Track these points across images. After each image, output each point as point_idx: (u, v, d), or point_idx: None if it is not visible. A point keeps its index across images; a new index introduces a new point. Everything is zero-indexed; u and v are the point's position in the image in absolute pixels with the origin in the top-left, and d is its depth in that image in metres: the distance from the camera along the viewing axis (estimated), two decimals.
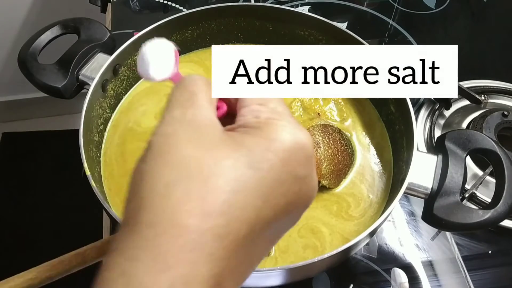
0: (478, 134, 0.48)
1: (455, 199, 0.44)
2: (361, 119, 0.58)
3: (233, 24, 0.63)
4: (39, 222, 1.41)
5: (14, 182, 1.54)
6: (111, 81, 0.55)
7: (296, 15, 0.60)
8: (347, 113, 0.58)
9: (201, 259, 0.20)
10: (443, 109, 0.67)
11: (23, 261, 0.46)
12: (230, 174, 0.21)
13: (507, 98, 0.69)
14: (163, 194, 0.21)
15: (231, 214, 0.21)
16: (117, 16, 0.80)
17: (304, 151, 0.24)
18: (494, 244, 0.56)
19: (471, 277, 0.53)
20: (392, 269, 0.52)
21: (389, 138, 0.56)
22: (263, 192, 0.22)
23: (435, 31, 0.83)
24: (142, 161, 0.23)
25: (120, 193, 0.51)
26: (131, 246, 0.20)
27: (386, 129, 0.57)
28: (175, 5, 0.83)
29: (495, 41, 0.83)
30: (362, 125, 0.57)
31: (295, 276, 0.44)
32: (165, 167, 0.22)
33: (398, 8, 0.85)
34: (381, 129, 0.57)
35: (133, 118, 0.57)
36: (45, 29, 0.57)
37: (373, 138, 0.56)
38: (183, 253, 0.20)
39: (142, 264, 0.20)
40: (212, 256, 0.20)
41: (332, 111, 0.58)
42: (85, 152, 0.46)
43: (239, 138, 0.23)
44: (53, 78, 0.54)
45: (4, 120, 1.65)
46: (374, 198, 0.51)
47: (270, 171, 0.22)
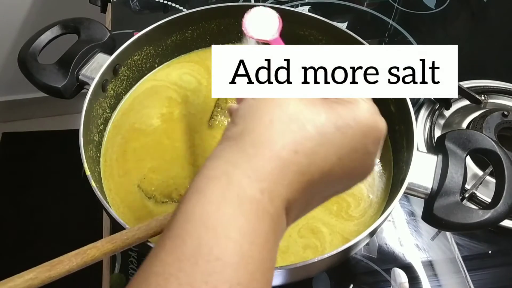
0: (478, 134, 0.48)
1: (455, 199, 0.44)
2: None
3: (233, 24, 0.63)
4: (39, 222, 1.41)
5: (14, 182, 1.54)
6: (111, 81, 0.55)
7: (296, 15, 0.60)
8: None
9: (284, 183, 0.25)
10: (443, 109, 0.67)
11: (23, 261, 0.46)
12: (321, 128, 0.27)
13: (507, 98, 0.69)
14: (267, 126, 0.26)
15: (313, 159, 0.26)
16: (117, 16, 0.80)
17: (379, 132, 0.29)
18: (494, 244, 0.56)
19: (471, 277, 0.53)
20: (392, 269, 0.52)
21: (389, 138, 0.56)
22: (340, 152, 0.27)
23: (435, 31, 0.83)
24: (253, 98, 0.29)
25: (120, 193, 0.51)
26: (235, 156, 0.26)
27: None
28: (175, 5, 0.83)
29: (495, 41, 0.83)
30: None
31: (295, 276, 0.44)
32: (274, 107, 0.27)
33: (398, 8, 0.85)
34: None
35: (135, 119, 0.57)
36: (45, 29, 0.57)
37: None
38: (272, 173, 0.25)
39: (242, 171, 0.25)
40: (291, 185, 0.26)
41: None
42: (85, 152, 0.46)
43: (334, 106, 0.28)
44: (53, 78, 0.53)
45: (4, 120, 1.65)
46: (374, 198, 0.51)
47: (351, 137, 0.27)
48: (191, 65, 0.63)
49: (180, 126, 0.56)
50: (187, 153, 0.54)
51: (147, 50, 0.59)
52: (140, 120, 0.57)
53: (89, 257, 0.31)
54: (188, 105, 0.58)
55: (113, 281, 0.51)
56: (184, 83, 0.61)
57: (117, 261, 0.52)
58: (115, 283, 0.51)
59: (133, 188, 0.51)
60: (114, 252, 0.33)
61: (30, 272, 0.30)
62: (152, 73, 0.62)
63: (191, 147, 0.54)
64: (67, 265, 0.31)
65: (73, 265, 0.31)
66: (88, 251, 0.32)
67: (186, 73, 0.62)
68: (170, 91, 0.60)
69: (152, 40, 0.59)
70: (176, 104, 0.58)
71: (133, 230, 0.34)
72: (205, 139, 0.55)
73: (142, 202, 0.50)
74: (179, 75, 0.62)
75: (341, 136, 0.27)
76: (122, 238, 0.33)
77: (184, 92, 0.60)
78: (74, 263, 0.31)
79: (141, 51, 0.58)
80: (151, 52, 0.60)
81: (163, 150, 0.54)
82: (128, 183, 0.51)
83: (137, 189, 0.51)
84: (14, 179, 1.55)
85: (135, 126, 0.56)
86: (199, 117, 0.57)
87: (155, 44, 0.60)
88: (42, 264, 0.30)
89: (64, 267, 0.31)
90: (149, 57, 0.60)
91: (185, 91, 0.60)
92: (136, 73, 0.60)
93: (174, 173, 0.52)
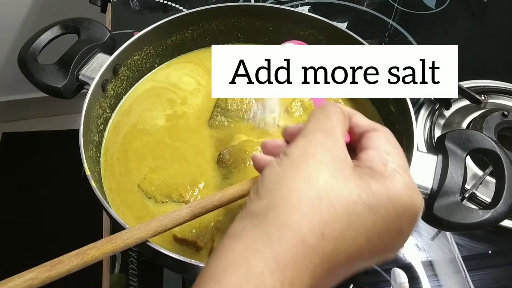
0: (478, 134, 0.48)
1: (455, 199, 0.44)
2: None
3: (233, 24, 0.63)
4: (39, 222, 1.41)
5: (14, 182, 1.54)
6: (111, 81, 0.55)
7: (296, 15, 0.60)
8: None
9: (308, 270, 0.24)
10: (443, 109, 0.67)
11: (23, 261, 0.46)
12: (351, 207, 0.25)
13: (507, 98, 0.69)
14: (294, 206, 0.24)
15: (340, 243, 0.24)
16: (117, 16, 0.80)
17: (415, 211, 0.27)
18: (494, 244, 0.56)
19: (471, 277, 0.53)
20: (392, 269, 0.52)
21: None
22: (370, 234, 0.25)
23: (435, 31, 0.83)
24: (279, 165, 0.27)
25: (121, 193, 0.51)
26: (258, 238, 0.24)
27: None
28: (175, 5, 0.83)
29: (495, 41, 0.83)
30: None
31: None
32: (302, 182, 0.25)
33: (398, 8, 0.85)
34: None
35: (136, 120, 0.57)
36: (45, 29, 0.57)
37: None
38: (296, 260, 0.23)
39: (264, 259, 0.23)
40: (314, 271, 0.24)
41: None
42: (85, 152, 0.46)
43: (366, 179, 0.26)
44: (53, 78, 0.53)
45: (4, 120, 1.65)
46: None
47: (384, 219, 0.25)
48: (191, 66, 0.63)
49: (180, 127, 0.56)
50: (187, 153, 0.54)
51: (147, 50, 0.59)
52: (143, 121, 0.57)
53: (89, 257, 0.31)
54: (188, 106, 0.58)
55: (113, 281, 0.51)
56: (183, 84, 0.61)
57: (117, 261, 0.52)
58: (115, 283, 0.51)
59: (133, 188, 0.51)
60: (114, 252, 0.33)
61: (30, 272, 0.30)
62: (151, 74, 0.62)
63: (191, 147, 0.54)
64: (67, 265, 0.31)
65: (73, 265, 0.31)
66: (88, 251, 0.32)
67: (186, 74, 0.62)
68: (169, 92, 0.60)
69: (152, 40, 0.59)
70: (176, 105, 0.58)
71: (133, 230, 0.34)
72: (205, 139, 0.55)
73: (142, 202, 0.50)
74: (178, 76, 0.62)
75: (372, 217, 0.25)
76: (122, 238, 0.33)
77: (183, 93, 0.60)
78: (74, 263, 0.31)
79: (141, 51, 0.58)
80: (151, 52, 0.60)
81: (163, 151, 0.54)
82: (129, 183, 0.51)
83: (137, 189, 0.51)
84: (14, 179, 1.55)
85: (137, 127, 0.56)
86: (199, 118, 0.57)
87: (155, 44, 0.60)
88: (42, 264, 0.30)
89: (64, 267, 0.31)
90: (149, 57, 0.60)
91: (185, 92, 0.60)
92: (136, 73, 0.60)
93: (174, 173, 0.52)
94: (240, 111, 0.56)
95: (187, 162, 0.53)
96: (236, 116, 0.56)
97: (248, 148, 0.53)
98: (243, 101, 0.56)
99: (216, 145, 0.54)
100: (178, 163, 0.53)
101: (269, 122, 0.56)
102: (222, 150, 0.52)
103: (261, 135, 0.55)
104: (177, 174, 0.52)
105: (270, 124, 0.56)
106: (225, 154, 0.52)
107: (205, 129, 0.56)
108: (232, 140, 0.54)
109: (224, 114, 0.56)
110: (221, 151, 0.52)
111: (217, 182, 0.51)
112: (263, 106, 0.57)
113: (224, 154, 0.52)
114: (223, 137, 0.55)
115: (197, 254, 0.46)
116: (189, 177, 0.51)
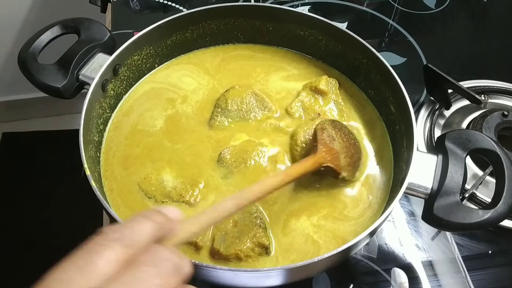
0: (478, 134, 0.48)
1: (455, 199, 0.44)
2: (361, 119, 0.58)
3: (233, 24, 0.63)
4: (39, 222, 1.41)
5: (14, 182, 1.54)
6: (111, 81, 0.55)
7: (296, 15, 0.60)
8: (347, 113, 0.58)
9: None
10: (443, 109, 0.67)
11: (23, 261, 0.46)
12: None
13: (507, 98, 0.69)
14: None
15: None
16: (117, 16, 0.80)
17: None
18: (494, 244, 0.56)
19: (471, 277, 0.53)
20: (392, 269, 0.52)
21: (389, 138, 0.56)
22: None
23: (435, 31, 0.83)
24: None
25: (122, 193, 0.51)
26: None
27: (386, 129, 0.57)
28: (175, 5, 0.83)
29: (495, 41, 0.83)
30: (362, 125, 0.57)
31: (295, 276, 0.44)
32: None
33: (398, 8, 0.85)
34: (381, 129, 0.57)
35: (136, 120, 0.57)
36: (45, 29, 0.57)
37: (373, 138, 0.56)
38: None
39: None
40: None
41: (332, 111, 0.58)
42: (85, 152, 0.46)
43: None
44: (53, 78, 0.53)
45: (4, 120, 1.65)
46: (374, 199, 0.51)
47: None
48: (191, 67, 0.63)
49: (181, 127, 0.56)
50: (188, 154, 0.54)
51: (147, 50, 0.59)
52: (143, 121, 0.57)
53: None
54: (188, 106, 0.58)
55: None
56: (183, 85, 0.61)
57: None
58: None
59: (134, 188, 0.51)
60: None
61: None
62: (151, 74, 0.62)
63: (191, 148, 0.54)
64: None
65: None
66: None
67: (186, 75, 0.62)
68: (170, 92, 0.60)
69: (152, 40, 0.59)
70: (177, 105, 0.58)
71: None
72: (205, 140, 0.55)
73: (142, 202, 0.50)
74: (178, 77, 0.62)
75: None
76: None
77: (184, 93, 0.60)
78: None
79: (141, 51, 0.58)
80: (151, 52, 0.60)
81: (163, 151, 0.54)
82: (129, 183, 0.51)
83: (137, 189, 0.51)
84: (14, 179, 1.55)
85: (137, 127, 0.56)
86: (199, 118, 0.57)
87: (155, 44, 0.60)
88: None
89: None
90: (149, 57, 0.60)
91: (185, 92, 0.60)
92: (136, 73, 0.60)
93: (175, 173, 0.52)
94: (241, 111, 0.56)
95: (187, 162, 0.53)
96: (236, 116, 0.56)
97: (249, 148, 0.53)
98: (243, 101, 0.56)
99: (216, 145, 0.54)
100: (178, 163, 0.53)
101: (269, 122, 0.56)
102: (223, 150, 0.52)
103: (261, 135, 0.55)
104: (177, 174, 0.52)
105: (270, 124, 0.56)
106: (226, 154, 0.52)
107: (205, 129, 0.56)
108: (233, 140, 0.54)
109: (225, 114, 0.56)
110: (222, 151, 0.52)
111: (217, 182, 0.51)
112: (264, 106, 0.57)
113: (225, 154, 0.52)
114: (223, 137, 0.55)
115: (197, 254, 0.46)
116: (189, 177, 0.51)
